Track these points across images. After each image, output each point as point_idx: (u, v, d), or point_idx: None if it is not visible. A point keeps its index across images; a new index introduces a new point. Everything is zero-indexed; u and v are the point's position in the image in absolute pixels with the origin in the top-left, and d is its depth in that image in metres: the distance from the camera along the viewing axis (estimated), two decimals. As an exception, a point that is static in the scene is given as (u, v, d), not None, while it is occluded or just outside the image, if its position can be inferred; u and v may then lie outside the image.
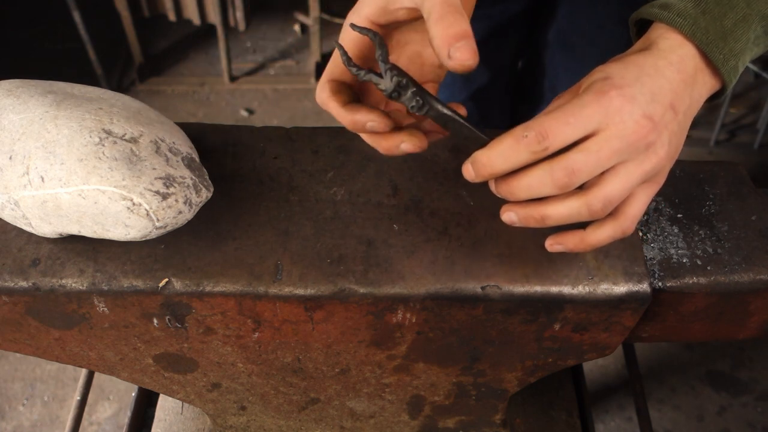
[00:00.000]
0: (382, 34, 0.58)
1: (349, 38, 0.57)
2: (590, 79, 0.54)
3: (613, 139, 0.50)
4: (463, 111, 0.57)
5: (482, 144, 0.54)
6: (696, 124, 2.30)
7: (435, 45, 0.50)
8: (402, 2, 0.54)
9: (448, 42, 0.49)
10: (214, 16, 2.27)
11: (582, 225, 0.57)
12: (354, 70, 0.55)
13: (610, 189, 0.52)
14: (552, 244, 0.59)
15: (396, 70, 0.54)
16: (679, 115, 0.54)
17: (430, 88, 0.60)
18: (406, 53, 0.60)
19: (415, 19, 0.56)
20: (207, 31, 2.50)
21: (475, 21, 1.04)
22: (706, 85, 0.56)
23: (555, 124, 0.50)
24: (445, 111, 0.55)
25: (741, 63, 0.56)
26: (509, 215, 0.56)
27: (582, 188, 0.53)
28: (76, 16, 2.12)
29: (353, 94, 0.59)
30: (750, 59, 0.58)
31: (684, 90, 0.54)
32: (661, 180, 0.56)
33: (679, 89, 0.54)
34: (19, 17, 2.61)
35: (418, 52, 0.60)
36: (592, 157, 0.50)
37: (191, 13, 2.30)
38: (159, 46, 2.56)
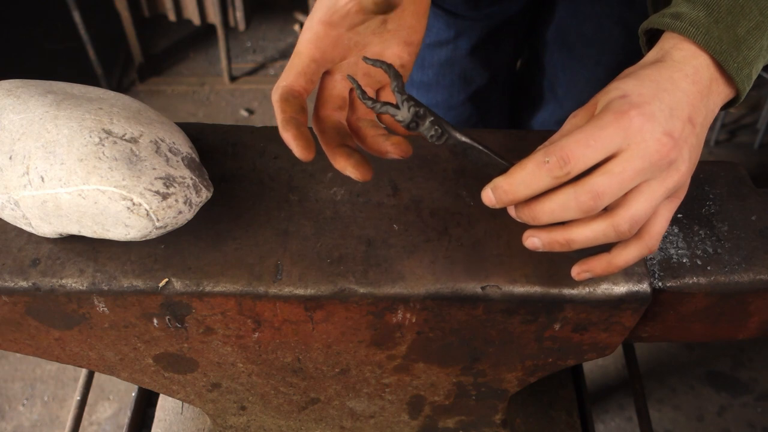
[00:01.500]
0: (338, 37, 0.58)
1: (302, 63, 0.58)
2: (607, 96, 0.53)
3: (635, 159, 0.50)
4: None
5: (502, 170, 0.54)
6: (696, 124, 2.30)
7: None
8: None
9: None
10: (214, 16, 2.27)
11: (605, 248, 0.56)
12: (369, 103, 0.55)
13: (636, 209, 0.52)
14: (579, 273, 0.58)
15: (413, 100, 0.54)
16: (697, 128, 0.54)
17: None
18: (367, 55, 0.60)
19: (368, 17, 0.57)
20: (207, 31, 2.50)
21: (473, 21, 1.05)
22: (720, 94, 0.56)
23: (576, 147, 0.50)
24: (464, 139, 0.55)
25: (755, 71, 0.56)
26: (533, 241, 0.55)
27: (606, 209, 0.53)
28: (76, 16, 2.12)
29: (299, 106, 0.59)
30: (763, 66, 0.58)
31: (700, 101, 0.54)
32: (682, 194, 0.56)
33: (696, 101, 0.53)
34: (19, 17, 2.61)
35: (379, 53, 0.61)
36: (616, 179, 0.50)
37: (191, 13, 2.30)
38: (159, 46, 2.56)
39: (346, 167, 0.57)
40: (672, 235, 0.70)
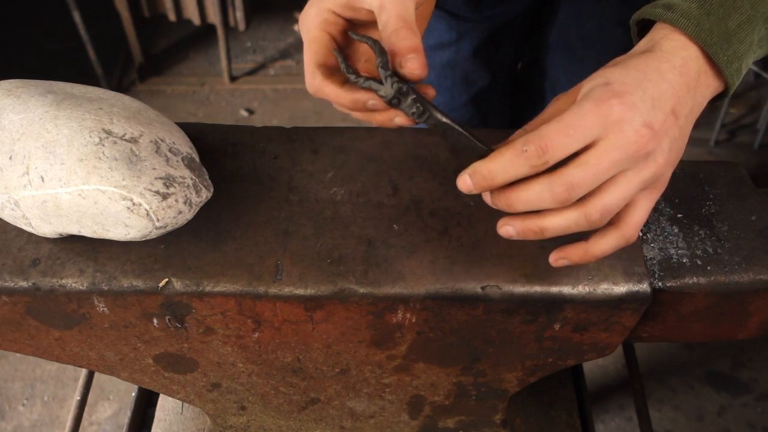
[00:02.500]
0: (345, 27, 0.59)
1: (323, 47, 0.58)
2: (590, 83, 0.53)
3: (612, 150, 0.50)
4: (432, 92, 0.58)
5: (480, 153, 0.54)
6: (696, 124, 2.28)
7: (390, 54, 0.54)
8: (364, 3, 0.56)
9: (401, 53, 0.53)
10: (214, 16, 2.27)
11: (584, 236, 0.57)
12: (353, 77, 0.55)
13: (609, 199, 0.52)
14: (556, 259, 0.58)
15: (396, 77, 0.54)
16: (681, 120, 0.54)
17: None
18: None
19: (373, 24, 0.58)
20: (207, 31, 2.50)
21: (475, 23, 1.05)
22: (709, 87, 0.56)
23: (555, 137, 0.50)
24: (444, 119, 0.55)
25: (744, 65, 0.56)
26: (507, 229, 0.56)
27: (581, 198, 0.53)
28: (76, 16, 2.12)
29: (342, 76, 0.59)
30: (753, 61, 0.58)
31: (687, 94, 0.54)
32: (662, 186, 0.56)
33: (682, 93, 0.53)
34: (19, 17, 2.61)
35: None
36: (591, 170, 0.50)
37: (191, 13, 2.30)
38: (159, 46, 2.56)
39: (395, 116, 0.57)
40: (672, 235, 0.70)
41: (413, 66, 0.53)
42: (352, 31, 0.57)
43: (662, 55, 0.54)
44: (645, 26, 0.60)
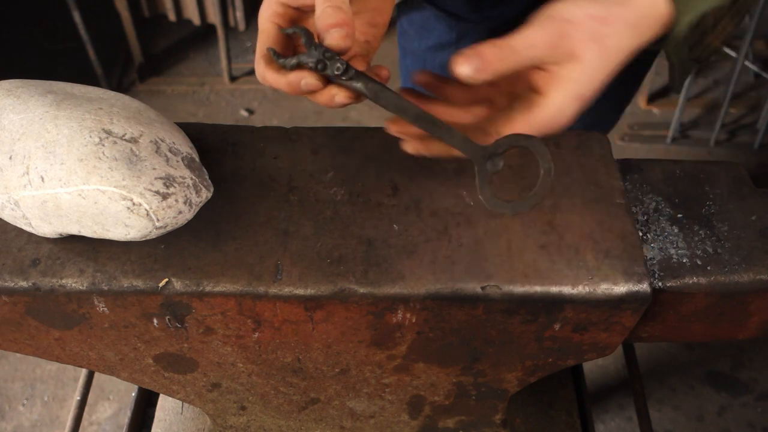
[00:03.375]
0: (295, 16, 0.62)
1: (271, 38, 0.60)
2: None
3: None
4: (385, 72, 0.60)
5: (417, 113, 0.57)
6: (696, 124, 2.30)
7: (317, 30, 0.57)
8: None
9: (324, 30, 0.56)
10: (214, 16, 2.27)
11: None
12: (281, 60, 0.58)
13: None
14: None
15: (323, 47, 0.57)
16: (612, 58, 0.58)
17: (359, 61, 0.61)
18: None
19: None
20: (207, 31, 2.50)
21: (475, 24, 1.04)
22: (654, 34, 0.59)
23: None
24: (372, 84, 0.58)
25: (692, 16, 0.59)
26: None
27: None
28: (76, 16, 2.12)
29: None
30: (697, 16, 0.60)
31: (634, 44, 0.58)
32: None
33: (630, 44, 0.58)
34: (19, 17, 2.61)
35: None
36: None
37: (191, 13, 2.30)
38: (159, 46, 2.55)
39: (335, 95, 0.59)
40: (672, 235, 0.70)
41: (332, 38, 0.56)
42: (282, 28, 0.60)
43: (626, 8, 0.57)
44: None
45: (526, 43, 0.55)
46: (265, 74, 0.60)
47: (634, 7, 0.57)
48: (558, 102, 0.57)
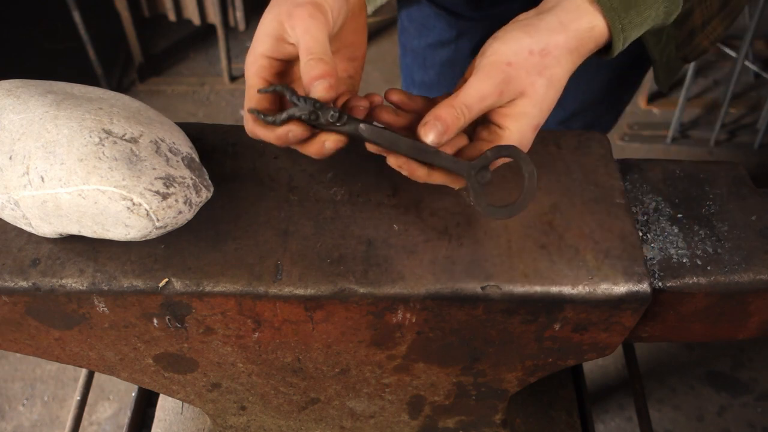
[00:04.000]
0: (281, 68, 0.63)
1: (256, 97, 0.62)
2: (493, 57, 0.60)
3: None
4: (378, 98, 0.63)
5: (404, 147, 0.60)
6: (696, 124, 2.30)
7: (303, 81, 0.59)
8: (287, 43, 0.61)
9: (309, 83, 0.58)
10: (214, 16, 2.27)
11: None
12: (270, 119, 0.60)
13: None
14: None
15: (313, 99, 0.59)
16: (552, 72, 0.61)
17: (345, 97, 0.64)
18: None
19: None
20: (207, 31, 2.50)
21: (475, 21, 1.04)
22: (592, 50, 0.62)
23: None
24: (367, 124, 0.60)
25: (633, 36, 0.62)
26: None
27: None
28: (76, 16, 2.12)
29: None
30: (637, 36, 0.63)
31: (572, 62, 0.61)
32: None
33: (568, 66, 0.61)
34: (19, 17, 2.61)
35: None
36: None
37: (191, 13, 2.30)
38: (159, 46, 2.55)
39: (324, 141, 0.61)
40: (672, 235, 0.70)
41: (316, 90, 0.58)
42: (261, 88, 0.61)
43: (560, 25, 0.60)
44: None
45: (477, 96, 0.58)
46: (255, 130, 0.62)
47: (572, 33, 0.60)
48: (516, 134, 0.61)
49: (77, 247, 0.65)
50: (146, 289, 0.63)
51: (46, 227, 0.64)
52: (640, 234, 0.70)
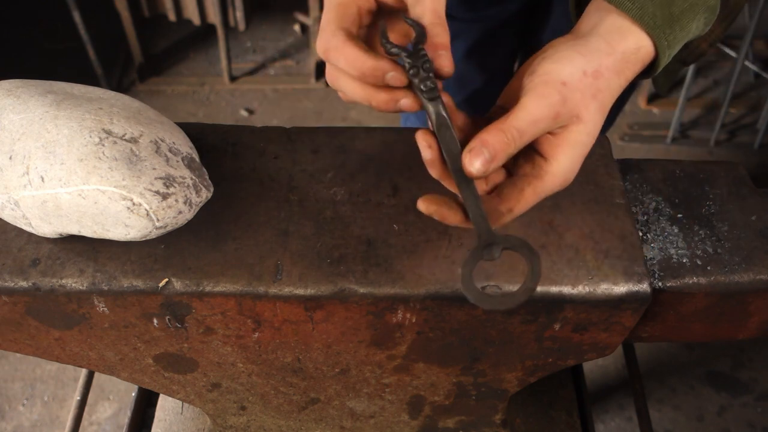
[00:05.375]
0: (373, 6, 0.59)
1: (353, 14, 0.58)
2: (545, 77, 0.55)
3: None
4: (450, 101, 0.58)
5: (455, 165, 0.55)
6: (696, 124, 2.30)
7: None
8: None
9: (434, 48, 0.55)
10: (214, 16, 2.27)
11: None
12: (384, 41, 0.56)
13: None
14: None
15: (426, 57, 0.55)
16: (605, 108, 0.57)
17: None
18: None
19: (399, 11, 0.59)
20: (207, 31, 2.50)
21: (470, 23, 1.04)
22: (638, 70, 0.58)
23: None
24: (444, 114, 0.55)
25: (675, 51, 0.59)
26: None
27: None
28: (76, 16, 2.12)
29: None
30: (677, 50, 0.60)
31: (618, 84, 0.57)
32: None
33: (616, 86, 0.57)
34: (19, 17, 2.61)
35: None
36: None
37: (191, 13, 2.30)
38: (159, 46, 2.55)
39: (402, 98, 0.56)
40: (672, 235, 0.70)
41: (443, 62, 0.54)
42: (405, 17, 0.57)
43: (607, 47, 0.56)
44: None
45: (530, 119, 0.53)
46: (344, 47, 0.55)
47: (619, 56, 0.56)
48: (565, 167, 0.56)
49: (77, 247, 0.65)
50: (146, 289, 0.63)
51: (46, 227, 0.64)
52: (640, 234, 0.70)
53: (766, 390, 1.72)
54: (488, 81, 1.14)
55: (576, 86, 0.54)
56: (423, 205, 0.55)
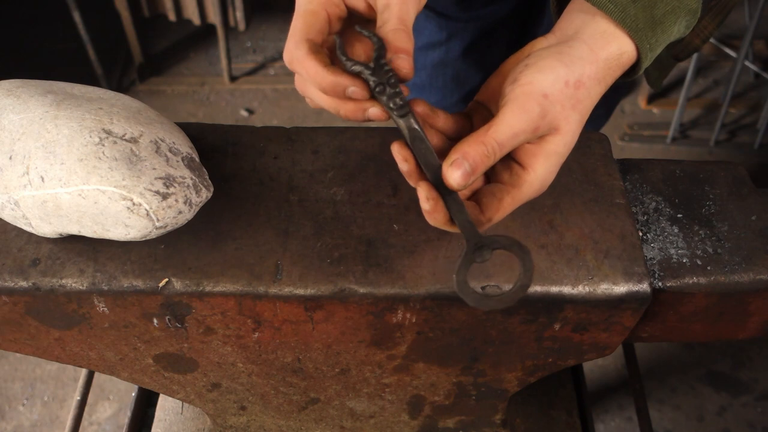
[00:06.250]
0: (343, 15, 0.59)
1: (317, 28, 0.57)
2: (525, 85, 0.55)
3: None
4: (424, 106, 0.58)
5: (434, 175, 0.55)
6: (696, 124, 2.30)
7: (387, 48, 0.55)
8: None
9: (394, 51, 0.55)
10: (214, 16, 2.27)
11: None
12: (344, 59, 0.55)
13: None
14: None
15: (391, 71, 0.55)
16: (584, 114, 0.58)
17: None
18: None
19: (369, 19, 0.59)
20: (207, 31, 2.50)
21: (466, 23, 1.04)
22: (621, 70, 0.58)
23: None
24: (417, 127, 0.55)
25: (656, 54, 0.59)
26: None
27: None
28: (76, 16, 2.12)
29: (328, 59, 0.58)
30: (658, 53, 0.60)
31: (600, 88, 0.58)
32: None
33: (598, 90, 0.58)
34: (19, 17, 2.61)
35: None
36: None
37: (191, 13, 2.30)
38: (159, 46, 2.55)
39: (370, 107, 0.56)
40: (672, 235, 0.70)
41: (402, 63, 0.54)
42: (359, 26, 0.56)
43: (590, 53, 0.56)
44: None
45: (510, 133, 0.53)
46: (305, 60, 0.55)
47: (602, 63, 0.56)
48: (542, 176, 0.57)
49: (77, 247, 0.65)
50: (146, 289, 0.63)
51: (46, 227, 0.64)
52: (640, 234, 0.70)
53: (766, 390, 1.72)
54: (485, 80, 1.14)
55: (557, 98, 0.54)
56: (422, 192, 0.56)
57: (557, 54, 0.56)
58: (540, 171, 0.57)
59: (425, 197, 0.55)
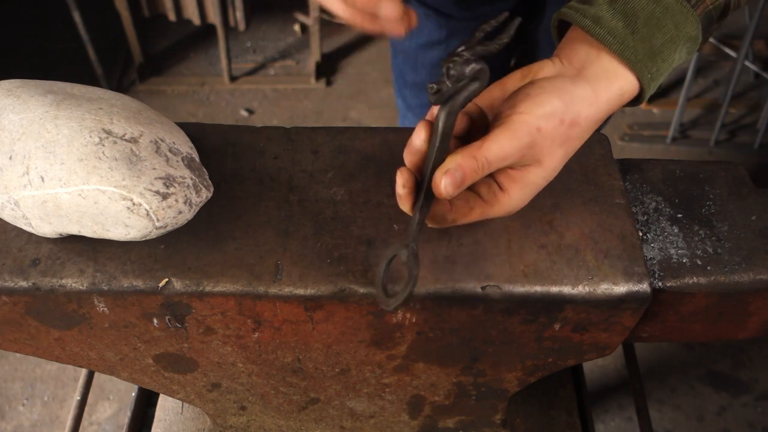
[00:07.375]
0: None
1: None
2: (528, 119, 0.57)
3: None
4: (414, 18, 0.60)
5: (428, 174, 0.57)
6: (696, 124, 2.30)
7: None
8: None
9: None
10: (214, 16, 2.27)
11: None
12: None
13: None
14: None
15: (478, 59, 0.57)
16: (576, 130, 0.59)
17: None
18: None
19: None
20: (207, 31, 2.50)
21: (465, 22, 1.05)
22: (623, 102, 0.60)
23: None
24: (452, 122, 0.57)
25: (660, 80, 0.60)
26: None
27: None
28: (76, 16, 2.12)
29: None
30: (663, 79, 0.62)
31: (600, 117, 0.59)
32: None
33: (597, 118, 0.59)
34: (19, 17, 2.61)
35: None
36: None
37: (191, 13, 2.30)
38: (159, 46, 2.56)
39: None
40: (672, 235, 0.70)
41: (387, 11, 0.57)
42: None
43: (592, 95, 0.58)
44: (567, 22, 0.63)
45: (500, 155, 0.56)
46: None
47: (602, 105, 0.58)
48: (516, 201, 0.60)
49: (77, 247, 0.65)
50: (146, 289, 0.63)
51: (46, 227, 0.64)
52: (640, 234, 0.70)
53: (766, 390, 1.72)
54: None
55: (549, 134, 0.57)
56: (400, 179, 0.58)
57: (559, 91, 0.57)
58: (515, 197, 0.60)
59: (402, 184, 0.58)
